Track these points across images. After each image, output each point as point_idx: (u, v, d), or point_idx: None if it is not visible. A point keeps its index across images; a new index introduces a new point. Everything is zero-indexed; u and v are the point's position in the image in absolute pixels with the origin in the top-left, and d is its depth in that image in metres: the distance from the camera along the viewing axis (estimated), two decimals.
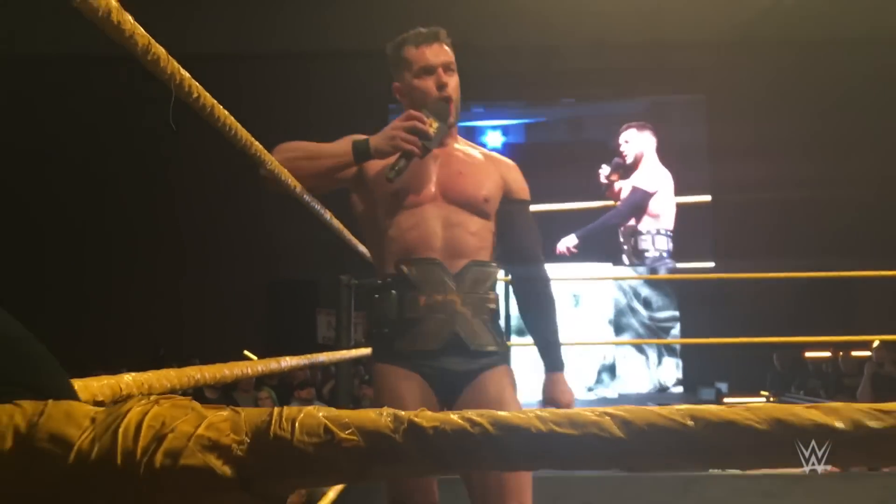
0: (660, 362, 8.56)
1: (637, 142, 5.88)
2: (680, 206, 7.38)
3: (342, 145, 1.79)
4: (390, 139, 1.73)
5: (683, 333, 8.46)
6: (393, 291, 1.77)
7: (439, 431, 0.36)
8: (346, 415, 0.37)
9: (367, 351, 2.66)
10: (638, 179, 5.85)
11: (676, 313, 8.52)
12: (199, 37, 7.48)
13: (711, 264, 8.21)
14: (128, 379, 0.78)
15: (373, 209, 1.85)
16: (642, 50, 8.04)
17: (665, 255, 5.82)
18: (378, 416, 0.36)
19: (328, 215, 2.09)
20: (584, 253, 7.21)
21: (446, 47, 1.85)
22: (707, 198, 7.87)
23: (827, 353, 7.32)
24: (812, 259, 5.45)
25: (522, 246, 1.87)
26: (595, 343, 8.39)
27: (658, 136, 7.22)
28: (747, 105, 8.23)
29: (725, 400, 7.31)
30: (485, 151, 1.94)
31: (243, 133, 1.30)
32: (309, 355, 2.11)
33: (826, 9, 7.39)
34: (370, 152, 1.76)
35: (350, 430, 0.35)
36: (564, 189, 6.25)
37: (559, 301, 1.90)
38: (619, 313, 8.43)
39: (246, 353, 7.90)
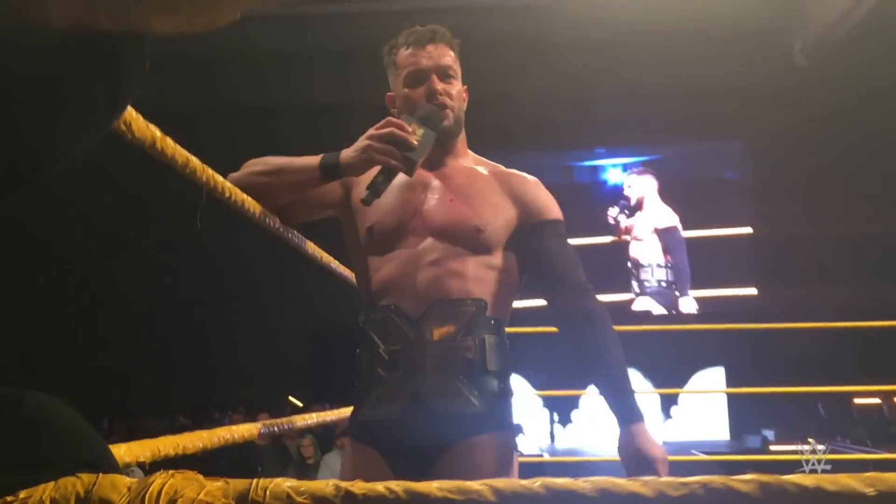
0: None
1: (638, 185, 6.57)
2: (721, 239, 7.76)
3: (311, 159, 1.47)
4: (362, 151, 1.40)
5: (728, 379, 8.41)
6: (357, 349, 1.52)
7: (369, 498, 0.50)
8: (304, 484, 0.52)
9: None
10: (655, 221, 6.52)
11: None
12: (247, 92, 7.84)
13: (754, 291, 8.31)
14: (165, 442, 0.95)
15: (353, 237, 1.59)
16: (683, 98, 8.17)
17: (663, 284, 6.48)
18: (325, 485, 0.51)
19: (309, 246, 1.77)
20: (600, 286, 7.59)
21: (446, 48, 1.57)
22: (748, 230, 8.12)
23: (876, 400, 7.21)
24: (858, 294, 5.44)
25: (560, 276, 1.50)
26: (647, 392, 8.37)
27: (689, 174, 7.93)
28: (789, 146, 8.29)
29: (772, 448, 7.23)
30: (497, 168, 1.62)
31: (273, 220, 1.47)
32: (317, 413, 2.16)
33: (864, 53, 7.42)
34: (339, 168, 1.43)
35: (304, 496, 0.51)
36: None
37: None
38: None
39: (291, 398, 8.12)
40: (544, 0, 7.15)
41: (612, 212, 6.50)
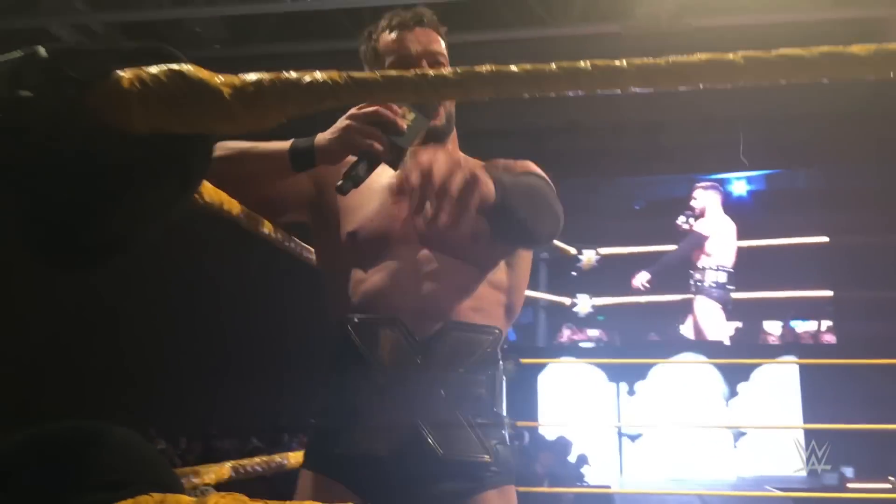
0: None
1: (703, 198, 7.74)
2: (799, 248, 8.15)
3: (280, 144, 1.24)
4: (341, 132, 1.18)
5: (805, 411, 8.18)
6: (333, 362, 1.27)
7: None
8: None
9: None
10: (699, 226, 7.81)
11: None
12: None
13: (830, 293, 8.27)
14: (227, 466, 1.06)
15: (328, 243, 1.37)
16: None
17: (716, 285, 7.58)
18: None
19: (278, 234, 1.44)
20: (659, 288, 8.07)
21: (434, 33, 1.38)
22: (824, 239, 8.31)
23: None
24: None
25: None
26: (720, 427, 8.24)
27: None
28: (862, 167, 8.13)
29: (850, 485, 6.99)
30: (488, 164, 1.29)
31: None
32: None
33: None
34: (313, 154, 1.20)
35: None
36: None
37: (701, 387, 1.21)
38: None
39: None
40: (613, 28, 7.19)
41: (681, 219, 7.50)
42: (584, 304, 7.72)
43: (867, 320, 7.94)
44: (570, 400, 8.36)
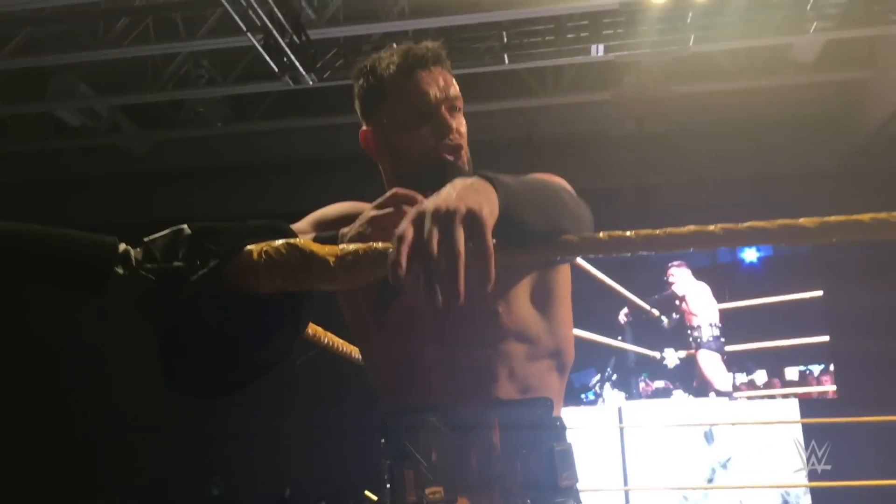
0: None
1: (677, 275, 8.48)
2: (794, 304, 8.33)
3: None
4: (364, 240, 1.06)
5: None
6: (384, 461, 1.19)
7: None
8: None
9: None
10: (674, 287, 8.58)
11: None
12: None
13: (826, 338, 8.34)
14: None
15: (359, 323, 1.29)
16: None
17: (711, 339, 8.36)
18: None
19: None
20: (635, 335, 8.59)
21: (449, 74, 1.25)
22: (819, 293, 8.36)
23: None
24: None
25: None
26: (727, 487, 8.24)
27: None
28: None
29: None
30: None
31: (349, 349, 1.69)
32: None
33: None
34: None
35: None
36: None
37: (695, 442, 1.18)
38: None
39: (367, 493, 8.18)
40: (603, 96, 7.44)
41: (656, 311, 8.28)
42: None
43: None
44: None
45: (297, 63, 5.58)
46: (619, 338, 8.31)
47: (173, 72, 6.55)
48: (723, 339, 8.48)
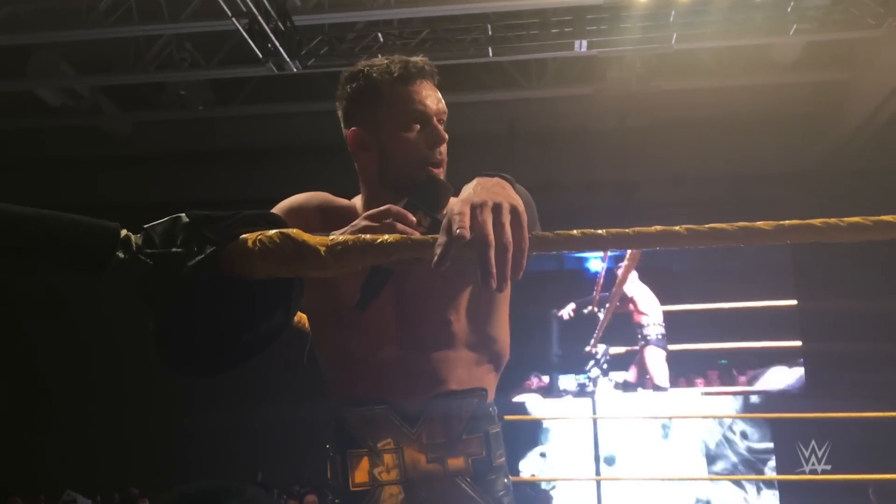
0: (759, 495, 8.42)
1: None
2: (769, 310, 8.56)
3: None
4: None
5: (779, 464, 8.33)
6: (330, 453, 1.30)
7: None
8: None
9: None
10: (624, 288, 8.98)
11: (771, 445, 8.44)
12: None
13: (798, 343, 8.44)
14: None
15: (320, 313, 1.35)
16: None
17: (659, 337, 8.81)
18: None
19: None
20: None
21: (438, 91, 1.33)
22: (793, 302, 8.54)
23: None
24: None
25: None
26: (689, 479, 8.36)
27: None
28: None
29: None
30: None
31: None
32: None
33: None
34: None
35: None
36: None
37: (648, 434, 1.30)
38: (716, 445, 8.52)
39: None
40: (586, 91, 7.49)
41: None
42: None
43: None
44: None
45: (281, 49, 5.57)
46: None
47: (156, 53, 6.51)
48: (666, 338, 8.95)
